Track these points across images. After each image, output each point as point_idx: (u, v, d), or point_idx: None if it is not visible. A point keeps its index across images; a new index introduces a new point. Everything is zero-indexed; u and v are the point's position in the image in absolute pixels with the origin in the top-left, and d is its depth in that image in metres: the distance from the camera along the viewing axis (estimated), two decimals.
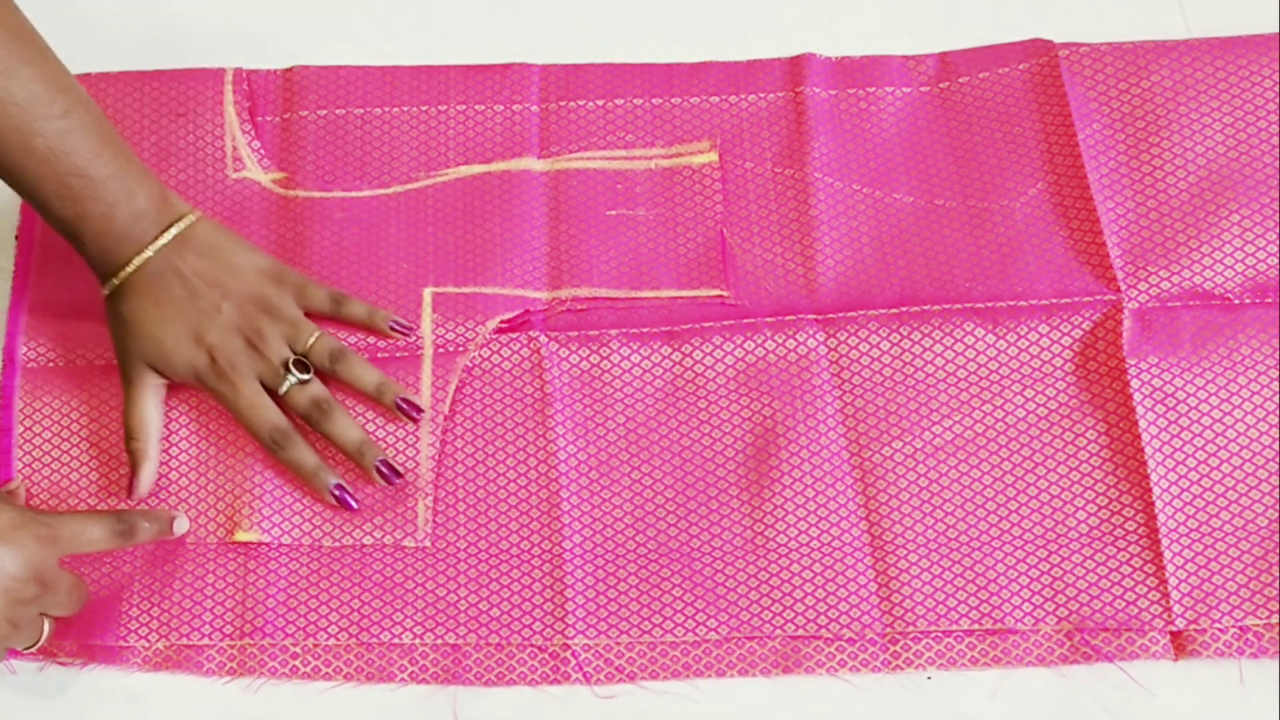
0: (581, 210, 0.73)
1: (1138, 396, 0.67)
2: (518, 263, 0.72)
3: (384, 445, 0.67)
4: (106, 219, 0.63)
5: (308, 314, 0.68)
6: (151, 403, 0.66)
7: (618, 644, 0.64)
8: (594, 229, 0.73)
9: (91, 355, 0.70)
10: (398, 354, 0.69)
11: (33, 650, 0.60)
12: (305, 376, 0.66)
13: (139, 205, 0.63)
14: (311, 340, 0.67)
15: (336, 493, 0.65)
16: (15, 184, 0.62)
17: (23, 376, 0.69)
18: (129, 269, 0.64)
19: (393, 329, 0.69)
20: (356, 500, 0.66)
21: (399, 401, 0.67)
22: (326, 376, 0.67)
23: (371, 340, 0.69)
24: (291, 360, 0.66)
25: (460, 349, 0.69)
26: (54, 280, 0.72)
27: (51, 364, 0.70)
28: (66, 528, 0.60)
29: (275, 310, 0.67)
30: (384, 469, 0.65)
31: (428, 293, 0.71)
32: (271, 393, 0.66)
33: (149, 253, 0.64)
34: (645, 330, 0.70)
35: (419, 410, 0.67)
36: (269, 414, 0.65)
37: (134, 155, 0.64)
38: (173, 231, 0.65)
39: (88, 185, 0.61)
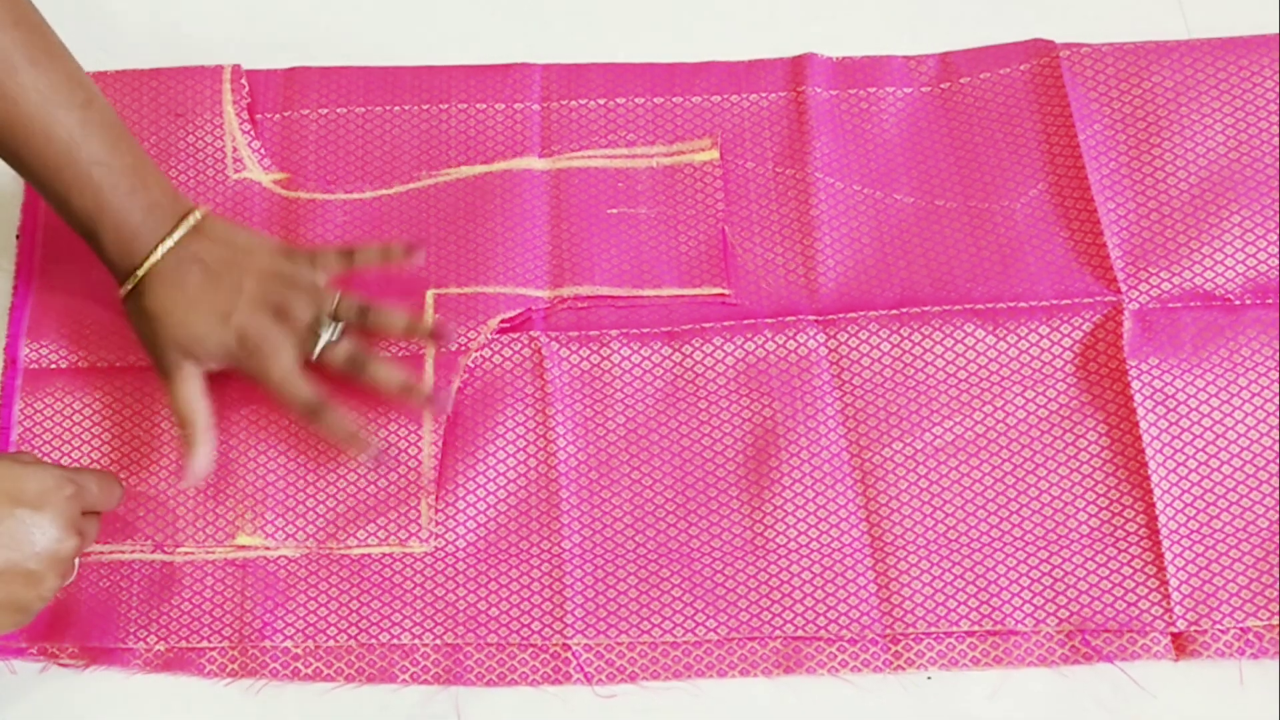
0: (583, 209, 0.73)
1: (1138, 398, 0.67)
2: (519, 262, 0.71)
3: (386, 446, 0.67)
4: (125, 210, 0.63)
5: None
6: (195, 389, 0.65)
7: (618, 644, 0.64)
8: (595, 227, 0.73)
9: (94, 358, 0.70)
10: (401, 355, 0.69)
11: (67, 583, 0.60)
12: (335, 335, 0.66)
13: (154, 196, 0.64)
14: (335, 301, 0.67)
15: (382, 452, 0.66)
16: (35, 173, 0.62)
17: (23, 378, 0.69)
18: (154, 258, 0.64)
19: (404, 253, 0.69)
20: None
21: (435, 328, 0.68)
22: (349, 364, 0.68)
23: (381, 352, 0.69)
24: (321, 321, 0.66)
25: (462, 349, 0.69)
26: (56, 282, 0.71)
27: (54, 366, 0.70)
28: (90, 483, 0.60)
29: (294, 280, 0.66)
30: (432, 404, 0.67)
31: (430, 294, 0.71)
32: (305, 360, 0.66)
33: (170, 243, 0.64)
34: (645, 330, 0.70)
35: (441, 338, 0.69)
36: (302, 388, 0.65)
37: (143, 149, 0.64)
38: (190, 221, 0.65)
39: (108, 174, 0.62)
